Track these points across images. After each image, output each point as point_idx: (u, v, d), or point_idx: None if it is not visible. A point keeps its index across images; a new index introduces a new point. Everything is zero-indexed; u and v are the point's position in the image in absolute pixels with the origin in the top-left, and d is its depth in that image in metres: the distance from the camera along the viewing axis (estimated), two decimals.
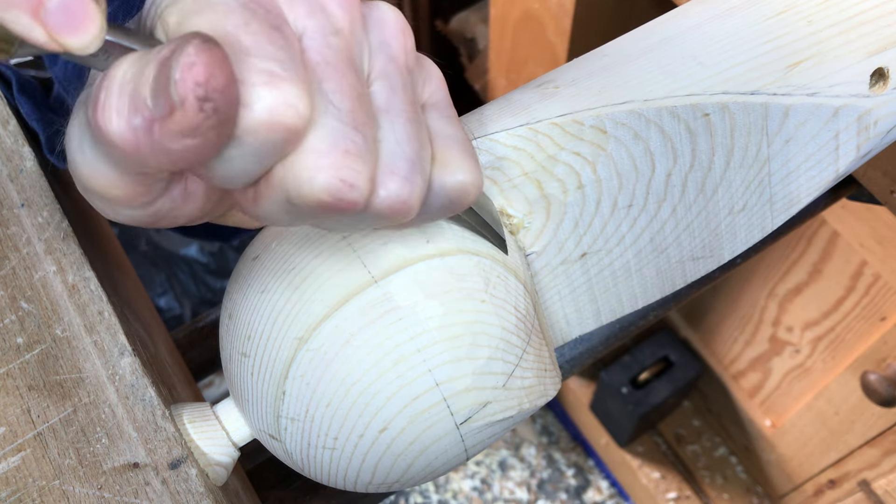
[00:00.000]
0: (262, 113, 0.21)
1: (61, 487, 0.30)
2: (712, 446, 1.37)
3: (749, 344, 1.16)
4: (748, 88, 0.34)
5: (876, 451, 1.00)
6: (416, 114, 0.25)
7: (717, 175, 0.36)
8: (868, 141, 0.37)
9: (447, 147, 0.26)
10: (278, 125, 0.21)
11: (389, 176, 0.23)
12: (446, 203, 0.26)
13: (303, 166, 0.22)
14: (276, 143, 0.21)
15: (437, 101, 0.27)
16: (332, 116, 0.22)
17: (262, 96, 0.21)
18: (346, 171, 0.22)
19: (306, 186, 0.22)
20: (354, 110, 0.23)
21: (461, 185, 0.26)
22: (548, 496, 1.43)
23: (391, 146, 0.24)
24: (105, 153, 0.22)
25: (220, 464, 0.33)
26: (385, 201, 0.24)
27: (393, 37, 0.26)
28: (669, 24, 0.37)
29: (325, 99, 0.22)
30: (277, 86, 0.21)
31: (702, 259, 0.39)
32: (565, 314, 0.37)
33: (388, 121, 0.24)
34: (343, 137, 0.22)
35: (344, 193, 0.22)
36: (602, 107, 0.33)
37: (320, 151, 0.22)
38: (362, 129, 0.23)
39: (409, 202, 0.24)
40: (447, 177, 0.26)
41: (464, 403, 0.29)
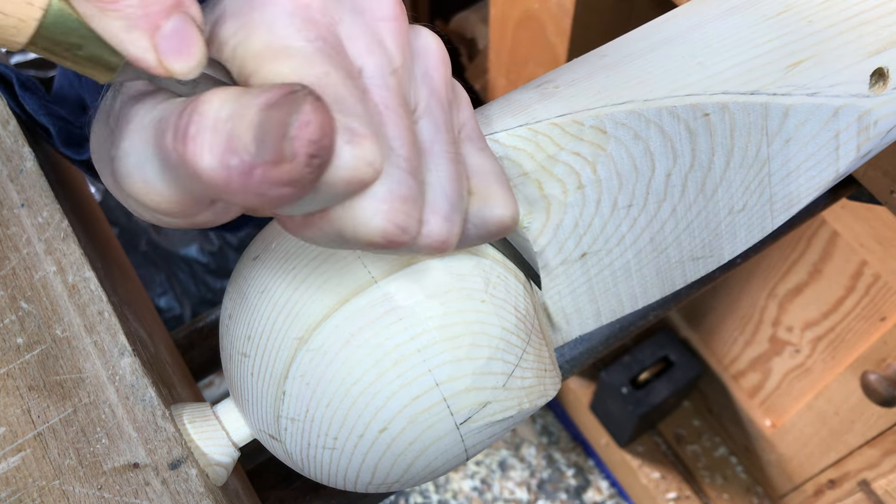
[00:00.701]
0: (344, 171, 0.21)
1: (61, 487, 0.30)
2: (712, 446, 1.37)
3: (749, 344, 1.16)
4: (748, 88, 0.34)
5: (876, 451, 1.00)
6: (457, 151, 0.26)
7: (716, 175, 0.36)
8: (868, 141, 0.37)
9: (486, 182, 0.27)
10: (357, 181, 0.22)
11: (433, 214, 0.24)
12: (484, 234, 0.27)
13: (362, 210, 0.23)
14: (348, 194, 0.22)
15: (470, 132, 0.28)
16: (393, 164, 0.23)
17: (346, 155, 0.21)
18: (401, 217, 0.23)
19: (362, 229, 0.23)
20: (412, 157, 0.24)
21: (500, 220, 0.27)
22: (548, 496, 1.43)
23: (435, 185, 0.25)
24: (175, 178, 0.23)
25: (220, 464, 0.33)
26: (426, 240, 0.25)
27: (435, 68, 0.26)
28: (669, 24, 0.37)
29: (387, 145, 0.23)
30: (359, 144, 0.21)
31: (702, 259, 0.39)
32: (565, 314, 0.37)
33: (433, 160, 0.25)
34: (402, 184, 0.23)
35: (396, 237, 0.23)
36: (602, 107, 0.33)
37: (381, 198, 0.23)
38: (417, 175, 0.24)
39: (447, 241, 0.25)
40: (487, 211, 0.27)
41: (464, 403, 0.29)
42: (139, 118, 0.24)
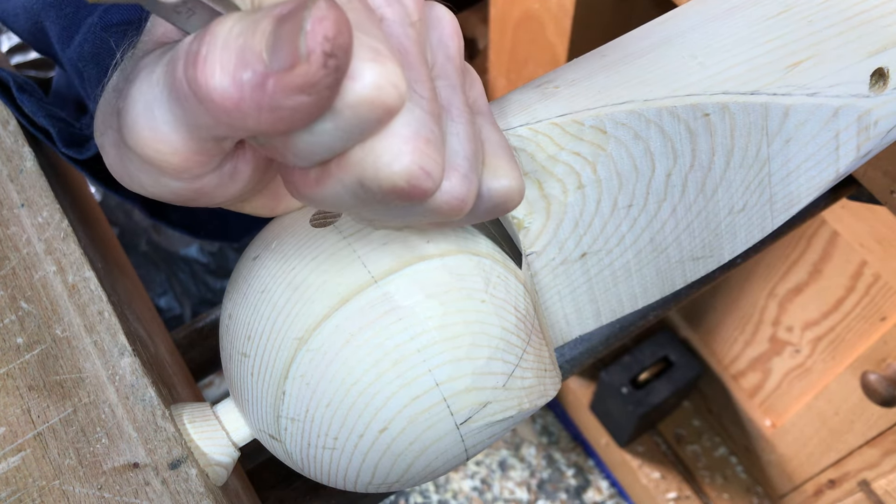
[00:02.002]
0: (367, 87, 0.21)
1: (61, 487, 0.30)
2: (712, 446, 1.37)
3: (749, 344, 1.16)
4: (748, 88, 0.34)
5: (876, 451, 1.00)
6: (471, 115, 0.26)
7: (717, 175, 0.36)
8: (868, 141, 0.37)
9: (495, 153, 0.26)
10: (380, 102, 0.21)
11: (452, 171, 0.24)
12: (490, 207, 0.27)
13: (385, 150, 0.22)
14: (371, 121, 0.21)
15: (481, 107, 0.28)
16: (415, 104, 0.22)
17: (369, 71, 0.21)
18: (426, 159, 0.22)
19: (385, 170, 0.22)
20: (433, 101, 0.23)
21: (508, 191, 0.26)
22: (548, 496, 1.43)
23: (453, 143, 0.24)
24: (182, 115, 0.22)
25: (220, 464, 0.33)
26: (446, 195, 0.24)
27: (450, 37, 0.26)
28: (669, 24, 0.37)
29: (411, 89, 0.23)
30: (383, 63, 0.21)
31: (702, 259, 0.39)
32: (565, 314, 0.37)
33: (450, 119, 0.25)
34: (425, 126, 0.22)
35: (421, 181, 0.22)
36: (602, 107, 0.33)
37: (405, 137, 0.22)
38: (439, 122, 0.23)
39: (466, 199, 0.24)
40: (494, 181, 0.26)
41: (464, 403, 0.29)
42: (149, 66, 0.24)
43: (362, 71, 0.21)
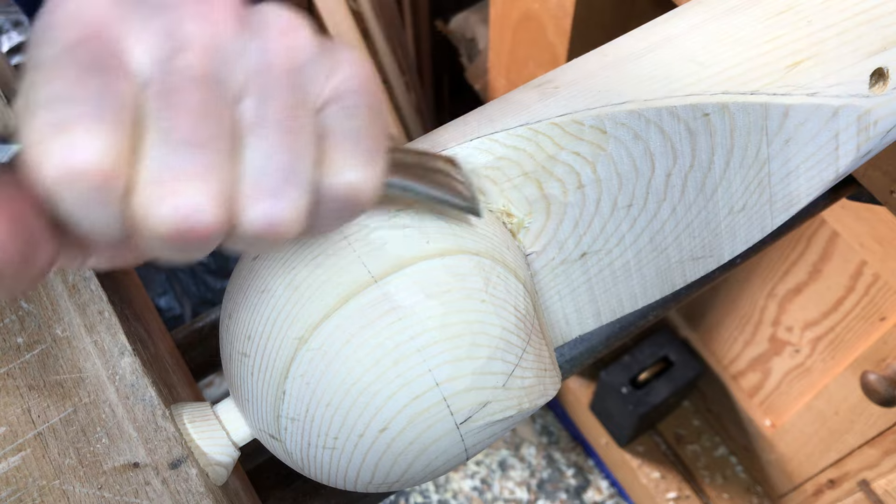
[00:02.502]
0: (53, 170, 0.19)
1: (61, 487, 0.30)
2: (712, 446, 1.37)
3: (749, 344, 1.16)
4: (748, 88, 0.34)
5: (876, 451, 1.00)
6: (295, 119, 0.23)
7: (716, 175, 0.36)
8: (868, 141, 0.37)
9: (336, 144, 0.24)
10: (73, 177, 0.20)
11: (256, 196, 0.22)
12: (338, 208, 0.24)
13: (140, 203, 0.21)
14: (93, 191, 0.20)
15: (342, 93, 0.25)
16: (161, 143, 0.21)
17: (50, 150, 0.19)
18: (186, 197, 0.20)
19: (150, 222, 0.21)
20: (195, 129, 0.21)
21: (349, 186, 0.24)
22: (548, 496, 1.43)
23: (258, 162, 0.22)
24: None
25: (220, 464, 0.33)
26: (254, 223, 0.22)
27: (273, 39, 0.23)
28: (669, 24, 0.37)
29: (156, 127, 0.21)
30: (67, 132, 0.19)
31: (701, 259, 0.39)
32: (565, 314, 0.37)
33: (256, 136, 0.22)
34: (176, 160, 0.21)
35: (189, 220, 0.21)
36: (602, 107, 0.33)
37: (152, 182, 0.20)
38: (206, 147, 0.21)
39: (282, 220, 0.22)
40: (332, 178, 0.23)
41: (464, 403, 0.29)
42: None
43: (43, 154, 0.19)
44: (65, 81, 0.20)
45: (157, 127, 0.21)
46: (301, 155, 0.23)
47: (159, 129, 0.21)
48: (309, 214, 0.23)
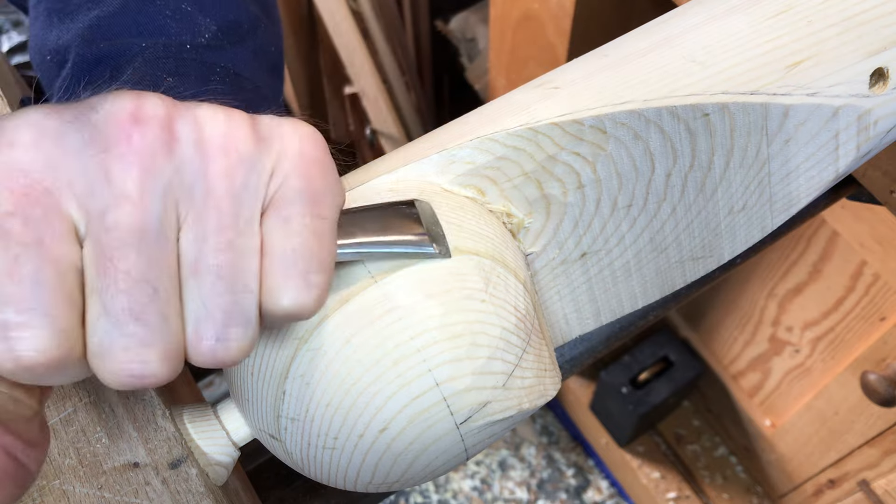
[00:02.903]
0: (5, 367, 0.21)
1: (61, 487, 0.30)
2: (712, 446, 1.37)
3: (749, 344, 1.16)
4: (748, 88, 0.34)
5: (876, 451, 1.00)
6: (232, 254, 0.24)
7: (716, 175, 0.36)
8: (868, 141, 0.37)
9: (271, 268, 0.24)
10: (28, 370, 0.21)
11: (198, 342, 0.23)
12: (280, 323, 0.26)
13: (95, 370, 0.23)
14: (45, 373, 0.22)
15: (282, 196, 0.25)
16: (103, 318, 0.22)
17: (2, 356, 0.21)
18: (130, 366, 0.22)
19: (103, 378, 0.23)
20: (130, 301, 0.22)
21: (286, 311, 0.25)
22: (548, 496, 1.43)
23: (197, 308, 0.23)
24: None
25: (220, 464, 0.33)
26: (202, 360, 0.24)
27: (211, 160, 0.24)
28: (669, 24, 0.37)
29: (97, 299, 0.22)
30: (8, 337, 0.21)
31: (702, 259, 0.39)
32: (565, 314, 0.37)
33: (195, 279, 0.23)
34: (117, 336, 0.22)
35: (136, 383, 0.23)
36: (602, 107, 0.33)
37: (99, 356, 0.22)
38: (145, 314, 0.22)
39: (228, 356, 0.24)
40: (270, 304, 0.25)
41: (464, 403, 0.29)
42: None
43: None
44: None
45: (98, 298, 0.22)
46: (242, 292, 0.24)
47: (100, 299, 0.22)
48: (254, 340, 0.25)
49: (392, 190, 0.32)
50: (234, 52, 0.40)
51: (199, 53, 0.39)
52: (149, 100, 0.23)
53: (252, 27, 0.41)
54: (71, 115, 0.23)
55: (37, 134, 0.22)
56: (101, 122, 0.23)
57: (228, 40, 0.40)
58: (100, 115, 0.23)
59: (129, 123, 0.23)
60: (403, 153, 0.34)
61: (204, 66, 0.38)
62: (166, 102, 0.24)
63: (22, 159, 0.22)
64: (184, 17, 0.39)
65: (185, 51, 0.38)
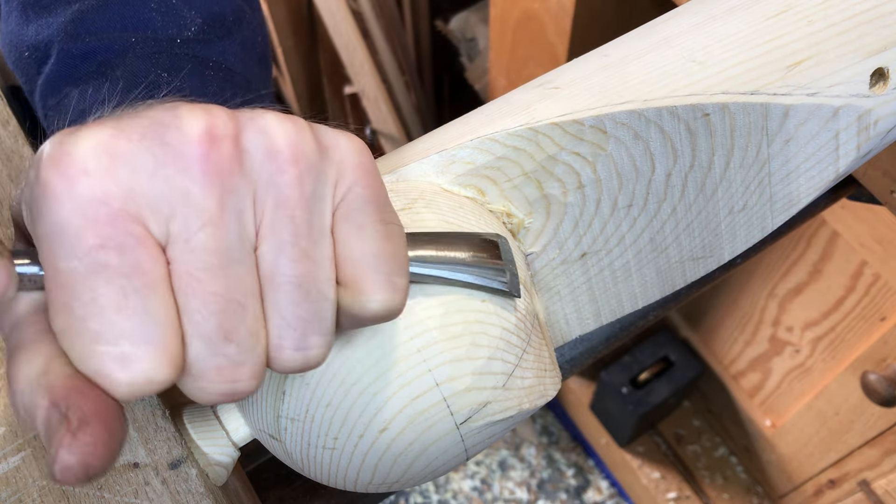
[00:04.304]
0: (124, 394, 0.22)
1: (61, 487, 0.30)
2: (712, 446, 1.37)
3: (749, 344, 1.16)
4: (748, 88, 0.34)
5: (876, 451, 1.00)
6: (308, 263, 0.24)
7: (716, 175, 0.36)
8: (868, 141, 0.37)
9: (358, 271, 0.25)
10: (144, 392, 0.22)
11: (280, 352, 0.24)
12: (361, 325, 0.26)
13: (186, 389, 0.24)
14: (153, 390, 0.22)
15: (349, 204, 0.25)
16: (196, 340, 0.23)
17: (120, 382, 0.22)
18: (222, 386, 0.23)
19: (199, 402, 0.24)
20: (222, 323, 0.23)
21: (374, 314, 0.25)
22: (548, 496, 1.43)
23: (278, 321, 0.24)
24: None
25: (220, 464, 0.33)
26: (283, 369, 0.24)
27: (281, 170, 0.24)
28: (669, 24, 0.37)
29: (191, 320, 0.23)
30: (130, 367, 0.22)
31: (702, 259, 0.39)
32: (565, 314, 0.37)
33: (273, 291, 0.24)
34: (212, 357, 0.23)
35: (227, 399, 0.24)
36: (602, 107, 0.33)
37: (195, 376, 0.23)
38: (236, 335, 0.23)
39: (308, 364, 0.25)
40: (358, 306, 0.25)
41: (464, 403, 0.29)
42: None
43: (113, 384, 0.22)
44: (109, 313, 0.21)
45: (190, 319, 0.23)
46: (320, 301, 0.24)
47: (192, 321, 0.23)
48: (331, 344, 0.25)
49: (392, 190, 0.32)
50: (223, 45, 0.40)
51: (191, 48, 0.38)
52: (219, 116, 0.23)
53: (237, 18, 0.41)
54: (138, 133, 0.22)
55: (109, 159, 0.22)
56: (175, 141, 0.22)
57: (216, 33, 0.40)
58: (172, 133, 0.22)
59: (204, 143, 0.23)
60: (403, 153, 0.34)
61: (197, 60, 0.38)
62: (233, 115, 0.24)
63: (100, 189, 0.21)
64: (169, 10, 0.38)
65: (175, 45, 0.38)
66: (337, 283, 0.25)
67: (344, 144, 0.26)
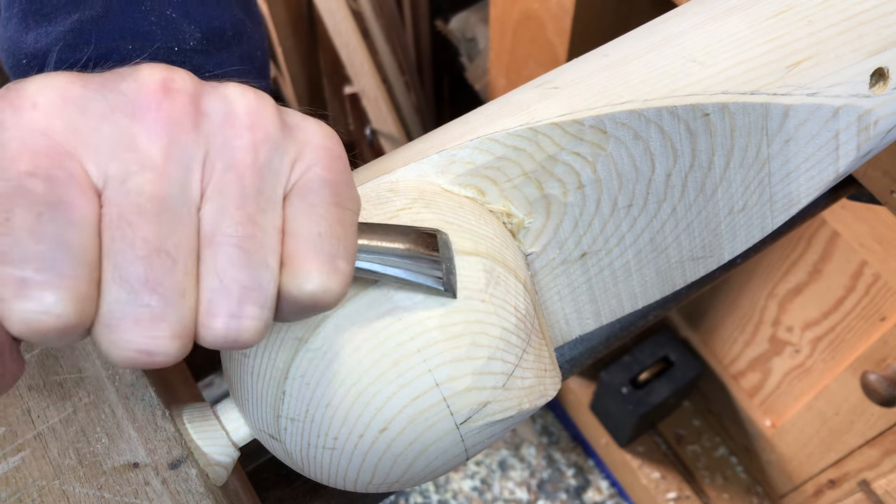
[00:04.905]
0: (17, 325, 0.20)
1: (61, 487, 0.30)
2: (712, 446, 1.37)
3: (749, 344, 1.16)
4: (748, 88, 0.34)
5: (876, 451, 1.00)
6: (252, 227, 0.23)
7: (716, 175, 0.36)
8: (868, 141, 0.37)
9: (297, 249, 0.24)
10: (41, 332, 0.21)
11: (211, 319, 0.23)
12: (299, 310, 0.25)
13: (99, 342, 0.22)
14: (55, 336, 0.21)
15: (307, 184, 0.25)
16: (116, 285, 0.21)
17: (14, 310, 0.20)
18: (139, 341, 0.22)
19: (109, 355, 0.22)
20: (147, 271, 0.21)
21: (310, 296, 0.24)
22: (548, 496, 1.43)
23: (212, 282, 0.23)
24: None
25: (220, 464, 0.33)
26: (213, 339, 0.23)
27: (237, 135, 0.23)
28: (669, 24, 0.37)
29: (112, 262, 0.21)
30: (28, 296, 0.20)
31: (702, 259, 0.39)
32: (565, 314, 0.37)
33: (212, 251, 0.23)
34: (130, 306, 0.21)
35: (143, 358, 0.22)
36: (602, 107, 0.33)
37: (108, 326, 0.21)
38: (161, 286, 0.22)
39: (240, 336, 0.23)
40: (294, 286, 0.24)
41: (464, 403, 0.29)
42: None
43: (6, 312, 0.20)
44: (20, 233, 0.20)
45: (114, 262, 0.21)
46: (261, 267, 0.23)
47: (115, 264, 0.21)
48: (268, 323, 0.24)
49: (392, 191, 0.32)
50: (221, 57, 0.40)
51: (187, 57, 0.39)
52: (178, 73, 0.23)
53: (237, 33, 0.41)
54: (96, 83, 0.23)
55: (59, 98, 0.22)
56: (130, 90, 0.22)
57: (214, 46, 0.40)
58: (128, 83, 0.23)
59: (158, 93, 0.23)
60: (403, 153, 0.34)
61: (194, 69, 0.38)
62: (197, 79, 0.24)
63: (44, 121, 0.22)
64: (169, 23, 0.38)
65: (172, 54, 0.38)
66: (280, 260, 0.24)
67: (312, 128, 0.25)
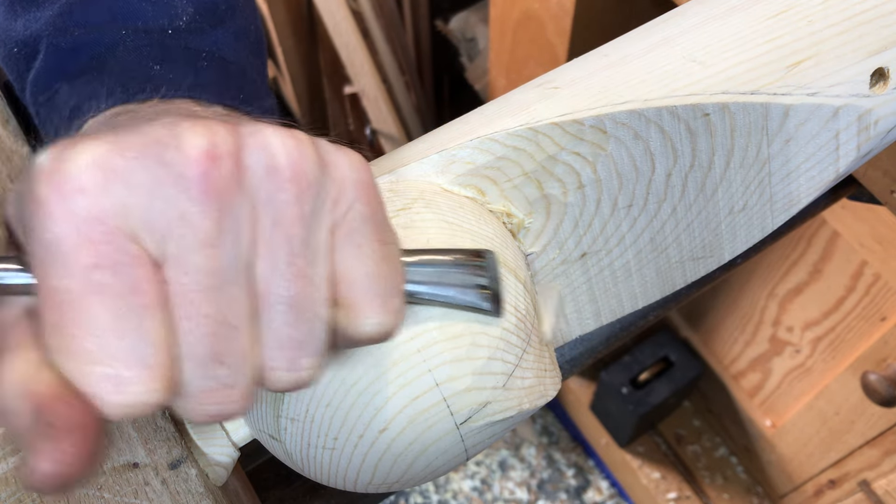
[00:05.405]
0: (116, 415, 0.22)
1: None
2: (712, 446, 1.37)
3: (749, 344, 1.16)
4: (748, 88, 0.34)
5: (876, 451, 1.00)
6: (303, 283, 0.24)
7: (717, 175, 0.36)
8: (868, 141, 0.37)
9: (355, 292, 0.25)
10: (136, 414, 0.22)
11: (271, 372, 0.24)
12: (355, 345, 0.26)
13: (179, 409, 0.24)
14: (144, 412, 0.22)
15: (349, 223, 0.25)
16: (189, 360, 0.23)
17: (113, 403, 0.22)
18: (212, 408, 0.23)
19: (192, 418, 0.24)
20: (213, 345, 0.23)
21: (370, 335, 0.25)
22: (548, 496, 1.43)
23: (269, 339, 0.24)
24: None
25: (219, 464, 0.33)
26: (274, 388, 0.24)
27: (280, 188, 0.23)
28: (669, 23, 0.37)
29: (183, 341, 0.22)
30: (124, 390, 0.22)
31: (702, 259, 0.39)
32: (565, 314, 0.37)
33: (268, 312, 0.24)
34: (202, 380, 0.23)
35: (218, 419, 0.24)
36: (602, 107, 0.33)
37: (186, 397, 0.23)
38: (227, 357, 0.23)
39: (298, 383, 0.25)
40: (352, 328, 0.25)
41: (464, 403, 0.29)
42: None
43: (106, 404, 0.22)
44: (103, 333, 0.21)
45: (182, 340, 0.22)
46: (313, 321, 0.24)
47: (184, 343, 0.22)
48: (324, 364, 0.25)
49: (392, 191, 0.32)
50: (216, 34, 0.39)
51: (182, 38, 0.38)
52: (219, 134, 0.23)
53: (230, 6, 0.41)
54: (135, 150, 0.22)
55: (104, 176, 0.21)
56: (175, 162, 0.22)
57: (208, 22, 0.39)
58: (171, 153, 0.22)
59: (204, 163, 0.22)
60: (403, 153, 0.34)
61: (189, 51, 0.38)
62: (234, 131, 0.23)
63: (95, 207, 0.21)
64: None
65: (167, 37, 0.37)
66: (333, 303, 0.25)
67: (345, 162, 0.26)
